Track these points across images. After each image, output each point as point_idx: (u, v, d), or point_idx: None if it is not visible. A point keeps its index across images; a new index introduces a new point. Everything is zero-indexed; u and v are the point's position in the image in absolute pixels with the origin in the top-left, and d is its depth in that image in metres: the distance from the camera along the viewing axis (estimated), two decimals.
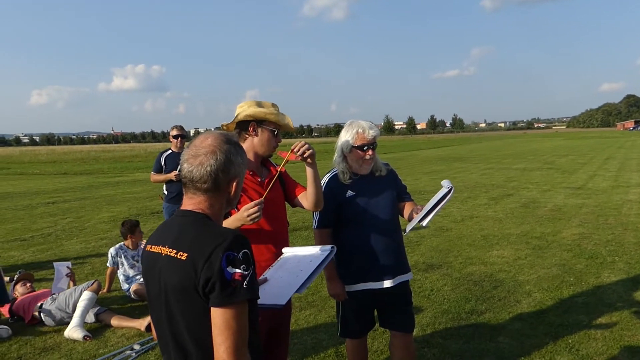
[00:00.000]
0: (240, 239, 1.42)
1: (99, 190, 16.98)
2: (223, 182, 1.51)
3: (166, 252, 1.47)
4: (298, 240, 7.62)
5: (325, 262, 1.97)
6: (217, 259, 1.36)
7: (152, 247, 1.55)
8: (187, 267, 1.40)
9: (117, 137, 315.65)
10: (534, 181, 14.73)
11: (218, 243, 1.38)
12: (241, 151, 1.57)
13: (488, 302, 4.76)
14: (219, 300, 1.35)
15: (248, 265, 1.40)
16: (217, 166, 1.49)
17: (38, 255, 7.49)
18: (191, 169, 1.50)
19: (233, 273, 1.36)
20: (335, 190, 2.74)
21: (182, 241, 1.45)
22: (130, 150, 57.67)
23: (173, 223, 1.55)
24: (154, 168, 6.38)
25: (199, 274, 1.37)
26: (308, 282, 1.87)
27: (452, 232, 7.91)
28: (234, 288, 1.36)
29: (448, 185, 2.52)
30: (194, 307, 1.41)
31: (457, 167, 21.67)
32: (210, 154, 1.49)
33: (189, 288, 1.39)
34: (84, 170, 29.23)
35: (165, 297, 1.47)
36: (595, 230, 7.62)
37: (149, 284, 1.55)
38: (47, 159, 43.48)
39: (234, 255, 1.37)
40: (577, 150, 32.38)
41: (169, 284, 1.45)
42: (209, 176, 1.48)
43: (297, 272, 1.94)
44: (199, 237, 1.43)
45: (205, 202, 1.52)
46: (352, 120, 2.78)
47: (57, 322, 4.57)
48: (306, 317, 4.53)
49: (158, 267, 1.49)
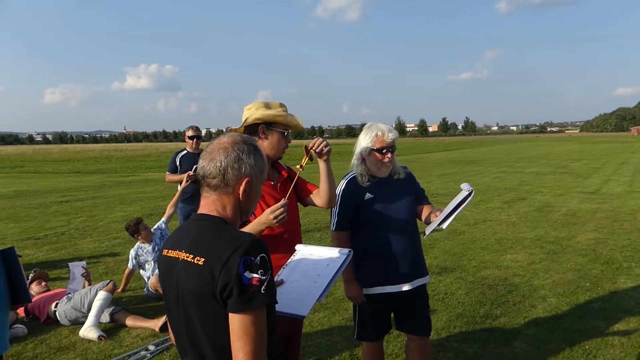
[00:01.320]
0: (258, 243, 1.41)
1: (111, 189, 17.12)
2: (232, 179, 1.49)
3: (183, 256, 1.46)
4: (310, 242, 7.61)
5: (343, 266, 1.95)
6: (235, 264, 1.34)
7: (169, 251, 1.54)
8: (204, 272, 1.38)
9: (129, 136, 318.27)
10: (548, 185, 14.60)
11: (235, 247, 1.37)
12: (257, 154, 1.55)
13: (503, 307, 4.71)
14: (237, 306, 1.34)
15: (266, 270, 1.38)
16: (227, 162, 1.49)
17: (52, 254, 7.56)
18: (204, 164, 1.51)
19: (251, 278, 1.35)
20: (354, 193, 2.73)
21: (199, 246, 1.44)
22: (143, 150, 58.07)
23: (189, 227, 1.54)
24: (169, 168, 6.39)
25: (217, 279, 1.35)
26: (327, 289, 1.86)
27: (465, 235, 7.86)
28: (252, 293, 1.34)
29: (468, 188, 2.50)
30: (211, 312, 1.39)
31: (470, 170, 21.55)
32: (222, 150, 1.50)
33: (206, 293, 1.38)
34: (97, 169, 29.49)
35: (183, 302, 1.46)
36: (611, 236, 7.52)
37: (166, 289, 1.55)
38: (60, 158, 43.91)
39: (252, 259, 1.36)
40: (590, 155, 32.05)
41: (186, 289, 1.44)
42: (218, 171, 1.49)
43: (314, 277, 1.92)
44: (216, 241, 1.42)
45: (218, 202, 1.52)
46: (371, 123, 2.77)
47: (72, 321, 4.60)
48: (320, 319, 4.51)
49: (175, 272, 1.48)
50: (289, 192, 2.37)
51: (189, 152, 6.23)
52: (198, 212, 1.55)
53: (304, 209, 2.66)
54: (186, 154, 6.25)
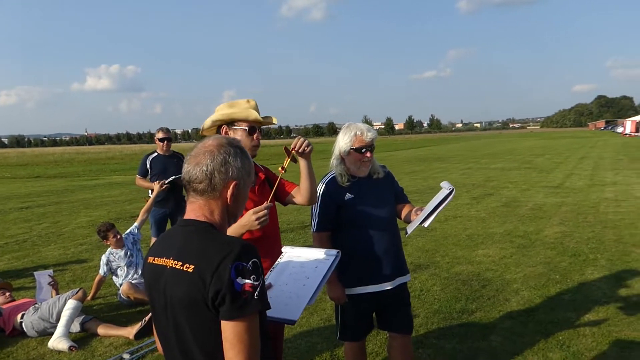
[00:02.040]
0: (249, 248, 1.37)
1: (75, 193, 16.60)
2: (219, 184, 1.45)
3: (171, 264, 1.41)
4: (283, 242, 7.56)
5: (332, 268, 1.93)
6: (226, 270, 1.30)
7: (155, 259, 1.48)
8: (194, 279, 1.34)
9: (91, 138, 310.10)
10: (513, 180, 14.95)
11: (226, 253, 1.33)
12: (243, 156, 1.51)
13: (478, 301, 4.79)
14: (230, 313, 1.30)
15: (258, 275, 1.34)
16: (214, 166, 1.44)
17: (14, 262, 7.26)
18: (189, 168, 1.46)
19: (243, 284, 1.31)
20: (334, 193, 2.71)
21: (188, 252, 1.39)
22: (106, 152, 56.68)
23: (176, 233, 1.49)
24: (139, 171, 6.24)
25: (208, 286, 1.31)
26: (317, 291, 1.83)
27: (437, 232, 7.96)
28: (244, 300, 1.31)
29: (449, 186, 2.52)
30: (203, 320, 1.35)
31: (437, 167, 21.87)
32: (208, 154, 1.45)
33: (197, 301, 1.33)
34: (59, 173, 28.55)
35: (172, 311, 1.41)
36: (576, 229, 7.75)
37: (154, 298, 1.48)
38: (18, 162, 42.35)
39: (243, 265, 1.32)
40: (552, 150, 33.03)
41: (175, 297, 1.38)
42: (204, 176, 1.44)
43: (303, 280, 1.89)
44: (205, 247, 1.37)
45: (205, 207, 1.47)
46: (349, 123, 2.76)
47: (40, 332, 4.42)
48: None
49: (163, 280, 1.42)
50: (272, 194, 2.33)
51: (160, 155, 6.09)
52: (184, 217, 1.50)
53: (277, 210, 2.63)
54: (157, 157, 6.11)
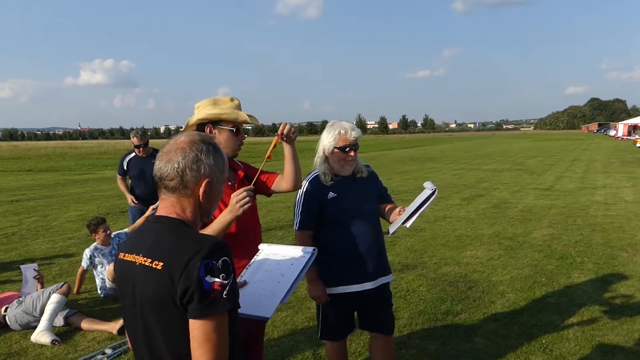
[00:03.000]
0: (220, 246, 1.35)
1: (66, 188, 16.51)
2: (191, 181, 1.43)
3: (140, 261, 1.40)
4: (272, 240, 7.55)
5: (307, 266, 1.93)
6: (195, 268, 1.29)
7: (125, 255, 1.47)
8: (163, 277, 1.32)
9: (84, 133, 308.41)
10: (504, 182, 15.01)
11: (196, 251, 1.31)
12: (217, 153, 1.49)
13: (463, 303, 4.80)
14: (198, 312, 1.29)
15: (228, 274, 1.33)
16: (185, 163, 1.42)
17: (1, 255, 7.21)
18: (160, 165, 1.45)
19: (212, 282, 1.30)
20: (317, 192, 2.71)
21: (158, 249, 1.38)
22: (99, 147, 56.33)
23: (148, 230, 1.48)
24: (118, 170, 6.32)
25: (176, 284, 1.30)
26: (292, 289, 1.83)
27: (426, 232, 7.98)
28: (213, 298, 1.29)
29: (431, 187, 2.52)
30: (171, 319, 1.34)
31: (429, 167, 21.93)
32: (179, 150, 1.44)
33: (165, 299, 1.32)
34: (50, 167, 28.36)
35: (140, 308, 1.40)
36: (565, 231, 7.79)
37: (123, 295, 1.47)
38: (10, 155, 42.01)
39: (213, 263, 1.31)
40: (544, 152, 33.20)
41: (144, 294, 1.37)
42: (176, 173, 1.42)
43: (278, 278, 1.88)
44: (175, 244, 1.36)
45: (177, 205, 1.45)
46: (334, 121, 2.75)
47: (23, 326, 4.39)
48: (283, 318, 4.47)
49: (132, 277, 1.41)
50: (255, 178, 2.33)
51: (137, 156, 6.08)
52: (156, 214, 1.49)
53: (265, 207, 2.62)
54: (134, 157, 6.10)
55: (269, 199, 11.29)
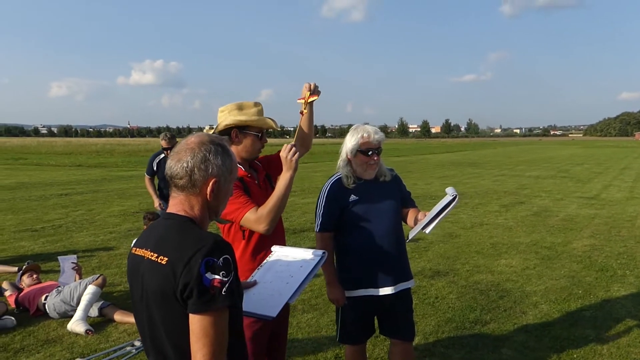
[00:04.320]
0: (222, 244, 1.40)
1: (111, 183, 17.14)
2: (199, 180, 1.49)
3: (148, 255, 1.46)
4: (305, 241, 7.60)
5: (315, 268, 1.94)
6: (196, 265, 1.34)
7: (136, 249, 1.54)
8: (166, 271, 1.38)
9: (132, 131, 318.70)
10: (547, 189, 14.55)
11: (198, 248, 1.36)
12: (224, 154, 1.53)
13: (493, 312, 4.69)
14: (197, 307, 1.34)
15: (228, 272, 1.37)
16: (194, 163, 1.48)
17: (47, 246, 7.56)
18: (171, 164, 1.51)
19: (212, 279, 1.34)
20: (339, 194, 2.71)
21: (164, 245, 1.44)
22: (145, 145, 58.14)
23: (158, 226, 1.55)
24: (147, 170, 6.41)
25: (178, 279, 1.35)
26: (299, 290, 1.84)
27: (460, 238, 7.83)
28: (212, 295, 1.34)
29: (453, 193, 2.48)
30: (172, 312, 1.39)
31: (470, 173, 21.49)
32: (189, 151, 1.50)
33: (168, 293, 1.38)
34: (99, 163, 29.53)
35: (146, 301, 1.46)
36: (607, 242, 7.49)
37: (133, 288, 1.54)
38: (63, 151, 44.02)
39: (214, 261, 1.35)
40: (593, 159, 31.95)
41: (149, 288, 1.43)
42: (185, 172, 1.48)
43: (287, 279, 1.90)
44: (180, 241, 1.42)
45: (186, 202, 1.51)
46: (357, 125, 2.76)
47: (61, 314, 4.60)
48: (308, 320, 4.50)
49: (141, 271, 1.48)
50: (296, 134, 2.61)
51: (167, 157, 6.23)
52: (167, 211, 1.54)
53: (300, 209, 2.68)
54: (164, 158, 6.25)
55: (305, 201, 11.41)
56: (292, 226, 8.57)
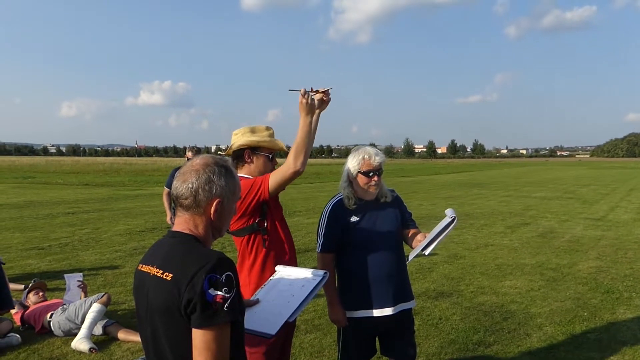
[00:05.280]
0: (225, 262, 1.45)
1: (118, 202, 17.26)
2: (203, 201, 1.54)
3: (154, 272, 1.51)
4: (310, 261, 7.61)
5: (316, 289, 1.98)
6: (200, 281, 1.39)
7: (142, 266, 1.60)
8: (171, 287, 1.43)
9: (140, 150, 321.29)
10: (553, 210, 14.50)
11: (202, 265, 1.41)
12: (228, 175, 1.59)
13: (497, 334, 4.67)
14: (199, 322, 1.38)
15: (230, 288, 1.42)
16: (198, 184, 1.54)
17: (54, 264, 7.61)
18: (177, 185, 1.57)
19: (215, 295, 1.39)
20: (340, 215, 2.76)
21: (169, 262, 1.49)
22: (152, 164, 58.61)
23: (163, 243, 1.60)
24: (167, 183, 6.50)
25: (182, 294, 1.40)
26: (299, 310, 1.88)
27: (465, 259, 7.81)
28: (214, 310, 1.38)
29: (452, 214, 2.51)
30: (176, 327, 1.44)
31: (475, 194, 21.46)
32: (194, 172, 1.56)
33: (172, 308, 1.43)
34: (106, 182, 29.74)
35: (151, 317, 1.51)
36: (613, 264, 7.44)
37: (138, 303, 1.59)
38: (71, 170, 44.43)
39: (217, 277, 1.40)
40: (600, 180, 31.80)
41: (154, 303, 1.49)
42: (189, 192, 1.54)
43: (288, 298, 1.94)
44: (185, 258, 1.47)
45: (190, 221, 1.57)
46: (358, 146, 2.81)
47: (65, 332, 4.62)
48: (311, 340, 4.50)
49: (146, 287, 1.53)
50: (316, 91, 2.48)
51: None
52: (172, 229, 1.60)
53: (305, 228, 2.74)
54: None
55: (310, 220, 11.43)
56: (296, 246, 8.56)
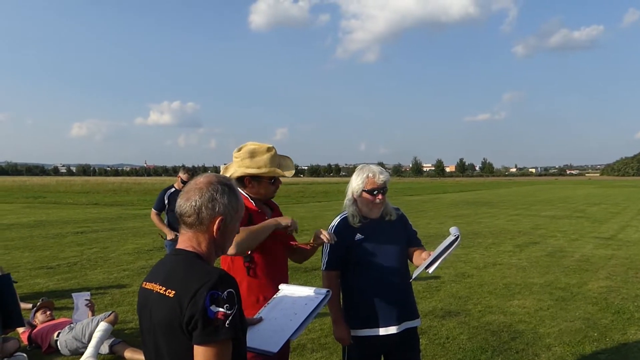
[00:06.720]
0: (227, 279, 1.48)
1: (126, 221, 17.35)
2: (206, 218, 1.57)
3: (157, 289, 1.54)
4: (316, 280, 7.59)
5: (319, 307, 1.99)
6: (202, 297, 1.41)
7: (146, 283, 1.62)
8: (173, 304, 1.45)
9: (149, 170, 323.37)
10: (562, 229, 14.38)
11: (204, 282, 1.44)
12: (231, 194, 1.62)
13: (505, 354, 4.62)
14: (201, 338, 1.40)
15: (232, 305, 1.44)
16: (202, 202, 1.56)
17: (62, 284, 7.66)
18: (181, 203, 1.60)
19: (216, 312, 1.41)
20: (345, 233, 2.77)
21: (172, 279, 1.52)
22: (161, 184, 58.80)
23: (167, 261, 1.63)
24: (155, 205, 6.48)
25: (184, 311, 1.42)
26: (301, 328, 1.89)
27: (473, 278, 7.76)
28: (215, 327, 1.40)
29: (456, 232, 2.52)
30: (178, 343, 1.45)
31: (484, 212, 21.34)
32: (197, 190, 1.59)
33: (174, 325, 1.45)
34: (115, 201, 29.95)
35: (154, 333, 1.53)
36: (624, 284, 7.35)
37: (142, 320, 1.62)
38: (81, 189, 44.77)
39: (219, 294, 1.42)
40: (610, 199, 31.52)
41: (157, 319, 1.51)
42: (193, 210, 1.56)
43: (291, 316, 1.95)
44: (187, 275, 1.50)
45: (194, 239, 1.59)
46: (363, 165, 2.84)
47: (72, 351, 4.64)
48: (317, 359, 4.47)
49: (150, 304, 1.56)
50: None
51: (177, 190, 6.35)
52: (176, 247, 1.63)
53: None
54: (175, 192, 6.39)
55: None
56: (303, 264, 8.56)
